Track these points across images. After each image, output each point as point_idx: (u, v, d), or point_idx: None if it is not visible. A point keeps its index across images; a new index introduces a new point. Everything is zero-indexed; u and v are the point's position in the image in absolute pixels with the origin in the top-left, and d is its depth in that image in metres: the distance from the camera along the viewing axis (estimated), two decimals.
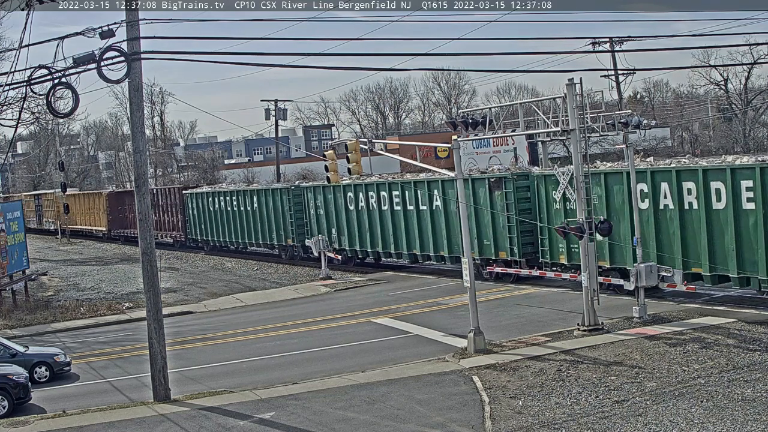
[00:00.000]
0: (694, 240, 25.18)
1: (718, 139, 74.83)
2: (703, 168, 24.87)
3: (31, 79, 18.17)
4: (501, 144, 64.97)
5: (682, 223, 25.43)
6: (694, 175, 25.02)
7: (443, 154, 71.06)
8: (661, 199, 26.06)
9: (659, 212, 26.12)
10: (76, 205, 74.42)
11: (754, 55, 63.54)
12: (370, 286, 36.22)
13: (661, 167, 26.50)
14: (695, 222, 25.05)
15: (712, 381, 17.33)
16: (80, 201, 75.66)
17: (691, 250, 25.27)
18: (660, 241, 26.13)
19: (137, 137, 19.83)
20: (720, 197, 24.26)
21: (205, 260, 51.09)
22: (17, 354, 22.71)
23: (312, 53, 40.39)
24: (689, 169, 25.32)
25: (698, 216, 24.90)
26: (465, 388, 18.40)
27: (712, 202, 24.53)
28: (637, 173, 25.48)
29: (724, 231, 24.26)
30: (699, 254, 25.02)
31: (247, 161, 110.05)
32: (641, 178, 26.13)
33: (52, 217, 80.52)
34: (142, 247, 19.87)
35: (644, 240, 25.05)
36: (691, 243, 25.24)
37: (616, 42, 51.64)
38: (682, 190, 25.36)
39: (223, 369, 22.82)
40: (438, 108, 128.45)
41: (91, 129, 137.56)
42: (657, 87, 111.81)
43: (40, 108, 40.34)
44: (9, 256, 37.44)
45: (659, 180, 26.09)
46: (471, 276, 22.01)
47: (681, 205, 25.44)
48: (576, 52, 44.37)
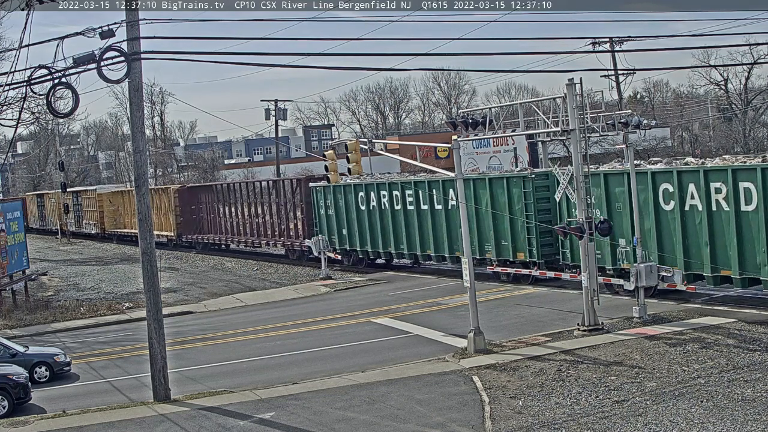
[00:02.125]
0: (722, 242, 24.32)
1: (718, 139, 74.84)
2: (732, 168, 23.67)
3: (31, 79, 18.17)
4: (501, 144, 64.93)
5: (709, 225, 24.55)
6: (723, 174, 23.81)
7: (443, 154, 71.07)
8: (687, 199, 25.06)
9: (685, 213, 25.20)
10: (125, 203, 63.83)
11: (754, 55, 63.56)
12: (370, 286, 36.22)
13: (689, 167, 25.34)
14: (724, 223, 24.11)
15: (712, 381, 17.33)
16: (131, 199, 61.03)
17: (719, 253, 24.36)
18: (687, 245, 25.21)
19: (137, 137, 19.83)
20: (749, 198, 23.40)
21: (205, 260, 51.09)
22: (17, 354, 22.71)
23: (312, 53, 40.36)
24: (718, 168, 24.24)
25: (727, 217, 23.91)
26: (465, 388, 18.40)
27: (741, 203, 23.58)
28: (661, 173, 25.47)
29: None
30: (728, 257, 24.08)
31: (247, 161, 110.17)
32: (666, 178, 25.53)
33: (93, 218, 70.22)
34: (142, 247, 19.87)
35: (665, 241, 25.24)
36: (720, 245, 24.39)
37: (616, 42, 51.68)
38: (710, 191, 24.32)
39: (223, 369, 22.82)
40: (438, 108, 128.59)
41: (91, 129, 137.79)
42: (657, 87, 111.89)
43: (40, 108, 40.38)
44: (9, 256, 37.45)
45: (686, 180, 25.02)
46: (471, 276, 22.00)
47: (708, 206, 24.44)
48: (576, 52, 44.37)
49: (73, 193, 75.27)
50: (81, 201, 72.61)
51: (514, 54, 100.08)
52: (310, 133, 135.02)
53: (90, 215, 71.02)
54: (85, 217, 72.31)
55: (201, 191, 56.61)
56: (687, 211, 25.12)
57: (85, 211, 72.10)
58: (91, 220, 70.48)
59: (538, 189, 30.44)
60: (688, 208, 25.12)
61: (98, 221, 68.52)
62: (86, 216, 71.90)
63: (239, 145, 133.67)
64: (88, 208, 71.14)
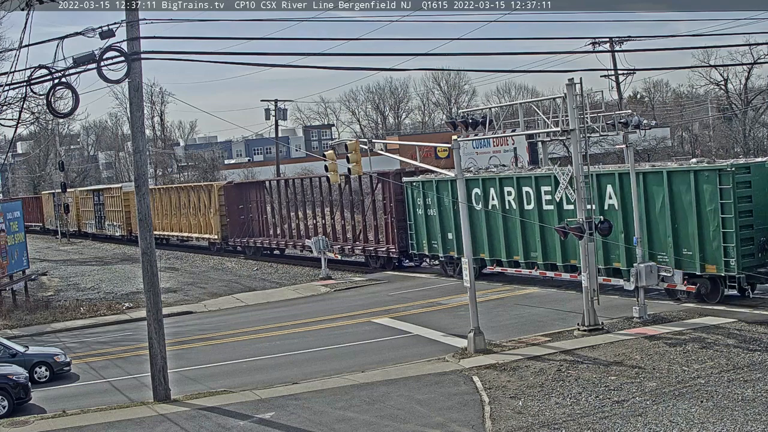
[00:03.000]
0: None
1: (718, 139, 74.85)
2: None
3: (31, 79, 18.17)
4: (501, 144, 64.91)
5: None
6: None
7: (443, 154, 70.95)
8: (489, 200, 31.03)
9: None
10: (162, 201, 58.52)
11: (754, 55, 63.54)
12: (370, 286, 36.21)
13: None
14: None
15: (712, 381, 17.33)
16: (167, 197, 58.54)
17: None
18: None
19: (137, 137, 19.83)
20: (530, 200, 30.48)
21: (205, 260, 51.07)
22: (17, 354, 22.71)
23: (312, 53, 40.42)
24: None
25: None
26: (465, 388, 18.40)
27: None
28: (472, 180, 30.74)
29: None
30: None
31: (247, 161, 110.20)
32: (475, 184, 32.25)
33: (118, 219, 64.37)
34: (142, 247, 19.87)
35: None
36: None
37: (616, 42, 51.64)
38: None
39: (223, 369, 22.82)
40: (438, 108, 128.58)
41: (91, 129, 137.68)
42: (657, 87, 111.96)
43: (40, 108, 40.48)
44: (9, 256, 37.46)
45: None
46: (471, 276, 22.00)
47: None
48: (576, 52, 44.42)
49: (94, 192, 70.57)
50: (103, 200, 67.51)
51: (514, 54, 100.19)
52: (310, 133, 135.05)
53: (113, 216, 65.34)
54: (108, 217, 66.80)
55: (250, 188, 51.69)
56: (489, 210, 31.66)
57: (108, 211, 66.77)
58: (116, 221, 64.60)
59: (739, 185, 24.40)
60: (489, 207, 32.11)
61: (123, 222, 62.81)
62: (109, 216, 66.50)
63: (239, 145, 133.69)
64: (112, 208, 65.47)
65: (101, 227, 67.76)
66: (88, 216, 71.47)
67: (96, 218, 69.13)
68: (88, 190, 72.38)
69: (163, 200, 58.66)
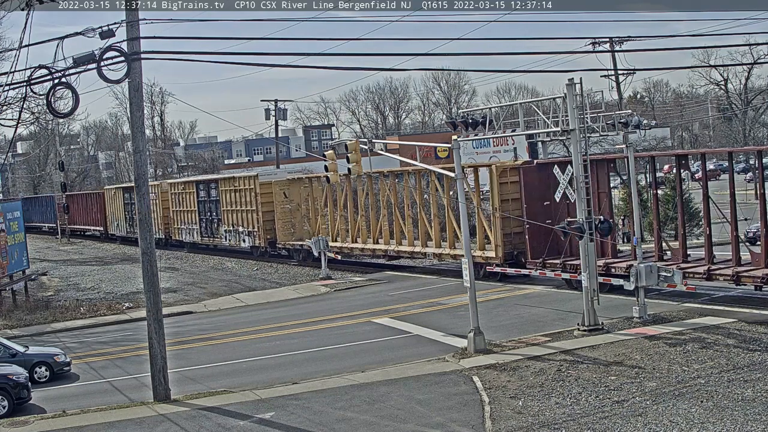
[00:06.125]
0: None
1: (718, 139, 74.89)
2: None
3: (31, 79, 18.17)
4: (501, 144, 64.90)
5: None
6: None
7: (443, 154, 71.08)
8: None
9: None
10: (296, 198, 44.89)
11: (754, 55, 63.60)
12: (370, 286, 36.21)
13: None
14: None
15: (712, 381, 17.33)
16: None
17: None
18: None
19: (137, 137, 19.83)
20: None
21: (205, 260, 51.05)
22: (17, 354, 22.70)
23: (312, 53, 40.38)
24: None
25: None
26: (465, 388, 18.39)
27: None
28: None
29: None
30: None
31: (247, 161, 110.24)
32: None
33: (249, 223, 46.42)
34: (142, 247, 19.87)
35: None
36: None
37: (616, 42, 51.56)
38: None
39: (223, 369, 22.82)
40: (438, 108, 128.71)
41: (91, 129, 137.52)
42: (657, 87, 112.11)
43: (40, 108, 40.40)
44: (9, 256, 37.44)
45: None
46: (471, 276, 22.00)
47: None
48: (576, 52, 44.37)
49: (203, 183, 51.51)
50: (217, 195, 49.50)
51: (514, 54, 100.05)
52: (310, 133, 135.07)
53: (241, 218, 47.28)
54: (229, 220, 48.24)
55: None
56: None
57: (230, 211, 48.15)
58: (245, 224, 46.94)
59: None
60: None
61: (260, 228, 45.50)
62: (233, 219, 48.02)
63: (239, 145, 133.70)
64: (235, 208, 47.63)
65: (212, 234, 48.62)
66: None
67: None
68: (187, 182, 51.67)
69: (313, 196, 43.78)
